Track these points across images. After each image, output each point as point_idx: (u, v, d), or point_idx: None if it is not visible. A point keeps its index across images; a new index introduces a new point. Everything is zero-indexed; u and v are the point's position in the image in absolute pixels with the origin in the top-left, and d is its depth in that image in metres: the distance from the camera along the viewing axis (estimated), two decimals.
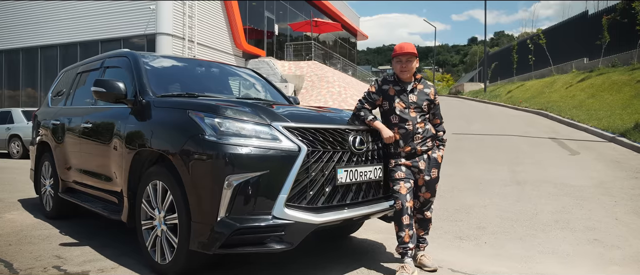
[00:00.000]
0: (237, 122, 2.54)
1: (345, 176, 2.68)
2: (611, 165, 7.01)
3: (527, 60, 20.31)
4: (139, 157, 3.04)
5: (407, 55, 3.00)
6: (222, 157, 2.41)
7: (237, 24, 17.91)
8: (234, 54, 18.34)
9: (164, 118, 2.94)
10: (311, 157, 2.55)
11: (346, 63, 27.94)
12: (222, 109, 2.59)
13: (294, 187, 2.49)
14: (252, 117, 2.58)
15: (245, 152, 2.42)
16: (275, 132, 2.54)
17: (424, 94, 3.06)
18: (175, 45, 15.05)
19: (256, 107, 2.77)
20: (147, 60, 3.75)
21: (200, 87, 3.96)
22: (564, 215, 4.60)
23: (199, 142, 2.50)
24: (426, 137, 3.02)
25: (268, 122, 2.58)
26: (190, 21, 15.65)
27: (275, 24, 21.93)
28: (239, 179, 2.39)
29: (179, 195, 2.60)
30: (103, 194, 3.65)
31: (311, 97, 17.08)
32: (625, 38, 14.40)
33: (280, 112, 2.76)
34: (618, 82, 12.23)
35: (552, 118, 12.33)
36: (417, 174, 3.02)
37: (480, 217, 4.59)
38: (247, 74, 4.71)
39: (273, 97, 4.41)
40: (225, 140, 2.45)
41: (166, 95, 3.30)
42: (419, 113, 3.01)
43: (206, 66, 4.41)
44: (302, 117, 2.80)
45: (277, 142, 2.51)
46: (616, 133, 9.00)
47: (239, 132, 2.50)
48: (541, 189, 5.70)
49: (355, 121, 3.02)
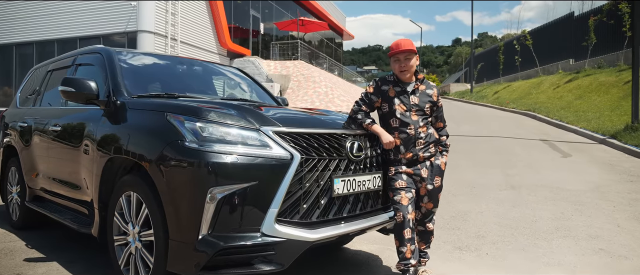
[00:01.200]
0: (222, 127, 2.25)
1: (343, 186, 2.42)
2: (605, 168, 6.90)
3: (514, 61, 20.37)
4: (112, 164, 2.73)
5: (405, 53, 2.75)
6: (204, 167, 2.12)
7: (221, 22, 17.50)
8: (218, 53, 17.93)
9: (139, 121, 2.64)
10: (305, 166, 2.29)
11: (332, 63, 27.72)
12: (204, 112, 2.30)
13: (286, 200, 2.22)
14: (238, 121, 2.30)
15: (230, 160, 2.14)
16: (264, 137, 2.27)
17: (426, 95, 2.82)
18: (158, 43, 14.59)
19: (243, 109, 2.49)
20: (122, 58, 3.44)
21: (181, 86, 3.66)
22: (564, 222, 4.43)
23: (178, 149, 2.21)
24: (429, 143, 2.77)
25: (256, 126, 2.30)
26: (173, 19, 15.20)
27: (261, 23, 21.56)
28: (223, 192, 2.11)
29: (155, 209, 2.30)
30: (73, 204, 3.32)
31: (297, 97, 16.79)
32: (611, 39, 14.47)
33: (270, 115, 2.48)
34: (605, 84, 12.25)
35: (541, 119, 12.29)
36: (419, 182, 2.77)
37: (478, 225, 4.38)
38: (232, 72, 4.42)
39: (260, 97, 4.13)
40: (207, 147, 2.16)
41: (143, 96, 2.99)
42: (421, 116, 2.77)
43: (188, 64, 4.10)
44: (294, 121, 2.53)
45: (267, 149, 2.23)
46: (606, 135, 8.94)
47: (224, 137, 2.22)
48: (537, 194, 5.53)
49: (351, 125, 2.76)
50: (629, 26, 13.07)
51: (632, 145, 7.88)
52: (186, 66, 4.04)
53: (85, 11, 15.31)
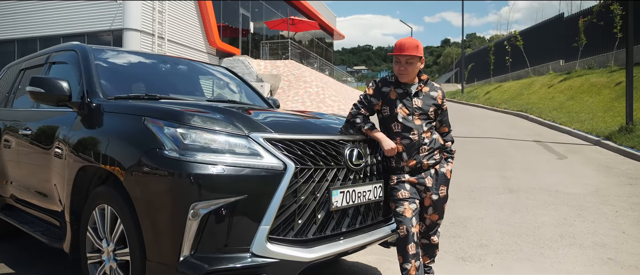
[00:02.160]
0: (206, 133, 2.00)
1: (341, 199, 2.18)
2: (602, 170, 6.77)
3: (504, 61, 20.34)
4: (84, 174, 2.46)
5: (406, 58, 2.51)
6: (185, 179, 1.87)
7: (210, 21, 17.15)
8: (207, 52, 17.58)
9: (115, 126, 2.38)
10: (300, 177, 2.05)
11: (323, 62, 27.49)
12: (186, 116, 2.05)
13: (279, 216, 1.98)
14: (224, 127, 2.05)
15: (215, 171, 1.89)
16: (254, 145, 2.02)
17: (431, 97, 2.59)
18: (144, 41, 14.21)
19: (230, 113, 2.24)
20: (100, 55, 3.17)
21: (164, 87, 3.40)
22: (568, 228, 4.25)
23: (156, 158, 1.95)
24: (433, 149, 2.55)
25: (245, 132, 2.05)
26: (161, 17, 14.83)
27: (251, 22, 21.23)
28: (207, 207, 1.86)
29: (131, 226, 2.04)
30: (44, 214, 3.03)
31: (288, 97, 16.52)
32: (601, 40, 14.45)
33: (260, 119, 2.24)
34: (597, 85, 12.19)
35: (533, 120, 12.19)
36: (423, 192, 2.55)
37: (479, 232, 4.18)
38: (220, 72, 4.16)
39: (250, 99, 3.88)
40: (190, 156, 1.91)
41: (121, 98, 2.73)
42: (425, 120, 2.55)
43: (172, 63, 3.84)
44: (287, 126, 2.29)
45: (257, 159, 1.99)
46: (601, 136, 8.84)
47: (208, 145, 1.97)
48: (536, 198, 5.36)
49: (349, 130, 2.53)
50: (620, 28, 13.05)
51: (628, 146, 7.77)
52: (170, 65, 3.77)
53: (69, 8, 14.86)
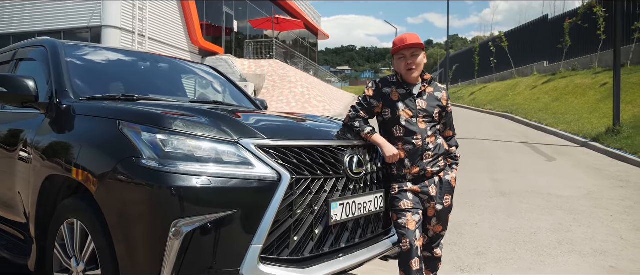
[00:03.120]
0: (190, 140, 1.77)
1: (341, 211, 1.97)
2: (591, 172, 6.73)
3: (489, 62, 20.44)
4: (52, 183, 2.20)
5: (411, 49, 2.33)
6: (166, 192, 1.63)
7: (193, 19, 16.76)
8: (189, 51, 17.18)
9: (86, 131, 2.12)
10: (296, 188, 1.83)
11: (308, 62, 27.27)
12: (167, 120, 1.81)
13: (273, 232, 1.76)
14: (211, 132, 1.82)
15: (201, 184, 1.66)
16: (244, 153, 1.80)
17: (435, 98, 2.40)
18: (124, 39, 13.77)
19: (217, 116, 2.01)
20: (72, 52, 2.89)
21: (144, 87, 3.14)
22: (565, 234, 4.13)
23: (133, 168, 1.71)
24: (438, 155, 2.36)
25: (234, 139, 1.82)
26: (141, 14, 14.39)
27: (235, 21, 20.87)
28: (191, 224, 1.63)
29: (103, 244, 1.80)
30: (7, 226, 2.74)
31: (273, 97, 16.25)
32: (586, 42, 14.59)
33: (251, 123, 2.01)
34: (582, 86, 12.27)
35: (519, 121, 12.20)
36: (427, 202, 2.36)
37: (475, 239, 4.03)
38: (204, 71, 3.91)
39: (236, 99, 3.64)
40: (171, 166, 1.68)
41: (94, 99, 2.46)
42: (430, 123, 2.35)
43: (152, 61, 3.57)
44: (280, 131, 2.07)
45: (248, 168, 1.76)
46: (588, 138, 8.84)
47: (192, 153, 1.74)
48: (530, 201, 5.26)
49: (347, 134, 2.32)
50: (604, 30, 13.18)
51: (615, 148, 7.77)
52: (150, 63, 3.51)
53: (44, 4, 14.31)
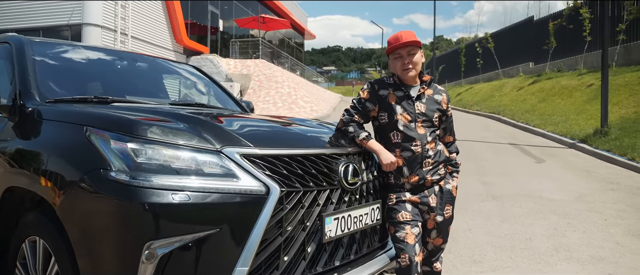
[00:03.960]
0: (166, 149, 1.57)
1: (336, 227, 1.79)
2: (581, 175, 6.68)
3: (475, 63, 20.50)
4: (12, 196, 1.97)
5: (408, 47, 2.16)
6: (138, 210, 1.43)
7: (177, 18, 16.41)
8: (174, 50, 16.82)
9: (51, 137, 1.90)
10: (286, 202, 1.64)
11: (294, 62, 27.06)
12: (140, 126, 1.61)
13: (260, 252, 1.57)
14: (190, 140, 1.62)
15: (178, 200, 1.47)
16: (228, 163, 1.61)
17: (434, 101, 2.24)
18: (106, 38, 13.38)
19: (198, 122, 1.81)
20: (40, 49, 2.66)
21: (120, 87, 2.92)
22: (561, 239, 4.03)
23: (100, 182, 1.50)
24: (438, 162, 2.20)
25: (217, 147, 1.63)
26: (124, 12, 14.01)
27: (220, 20, 20.54)
28: (167, 246, 1.44)
29: (67, 265, 1.59)
30: None
31: (259, 97, 16.00)
32: (571, 43, 14.68)
33: (235, 129, 1.82)
34: (568, 87, 12.32)
35: (507, 122, 12.19)
36: (426, 213, 2.19)
37: (470, 246, 3.89)
38: (186, 71, 3.69)
39: (220, 101, 3.44)
40: (144, 179, 1.47)
41: (62, 101, 2.24)
42: (429, 128, 2.19)
43: (131, 60, 3.35)
44: (268, 137, 1.88)
45: (232, 181, 1.57)
46: (576, 139, 8.83)
47: (169, 165, 1.54)
48: (522, 205, 5.16)
49: (341, 140, 2.14)
50: (589, 31, 13.27)
51: (604, 150, 7.75)
52: (128, 62, 3.28)
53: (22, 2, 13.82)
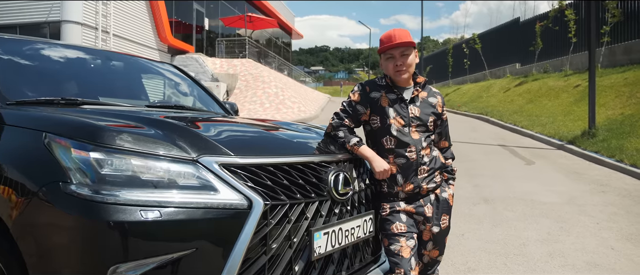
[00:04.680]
0: (135, 158, 1.39)
1: (325, 242, 1.64)
2: (571, 176, 6.64)
3: (462, 64, 20.54)
4: None
5: (401, 47, 2.02)
6: (103, 229, 1.26)
7: (161, 15, 16.08)
8: (158, 49, 16.48)
9: (7, 144, 1.70)
10: (271, 217, 1.48)
11: (282, 62, 26.85)
12: (105, 133, 1.42)
13: (242, 273, 1.40)
14: (163, 148, 1.45)
15: (148, 217, 1.29)
16: (206, 174, 1.43)
17: (429, 104, 2.10)
18: (86, 36, 13.02)
19: (172, 127, 1.64)
20: (6, 47, 2.46)
21: (92, 88, 2.73)
22: (555, 245, 3.94)
23: (59, 196, 1.32)
24: (434, 169, 2.06)
25: (193, 156, 1.46)
26: (105, 9, 13.66)
27: (206, 18, 20.24)
28: (135, 269, 1.26)
29: None
30: None
31: (245, 98, 15.78)
32: (557, 45, 14.78)
33: (215, 135, 1.65)
34: (555, 88, 12.36)
35: (495, 123, 12.18)
36: (422, 224, 2.05)
37: (463, 253, 3.77)
38: (167, 71, 3.50)
39: (203, 103, 3.25)
40: (108, 194, 1.30)
41: (24, 103, 2.04)
42: (424, 133, 2.05)
43: (106, 58, 3.14)
44: (251, 144, 1.71)
45: (210, 194, 1.40)
46: (564, 140, 8.82)
47: (138, 177, 1.36)
48: (514, 209, 5.07)
49: (330, 146, 1.98)
50: (574, 32, 13.35)
51: (592, 151, 7.74)
52: (103, 61, 3.08)
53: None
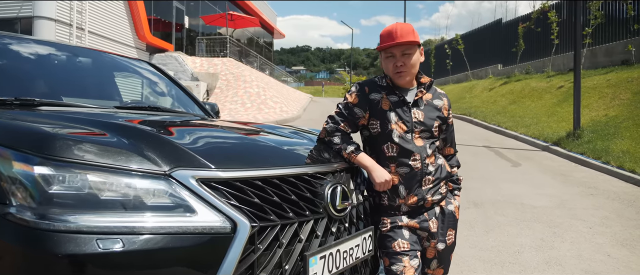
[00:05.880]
0: (92, 174, 1.13)
1: (322, 268, 1.41)
2: (559, 179, 6.57)
3: (445, 64, 20.58)
4: None
5: (401, 48, 1.80)
6: (49, 264, 1.00)
7: (140, 13, 15.59)
8: (136, 47, 15.97)
9: None
10: (259, 241, 1.25)
11: (263, 61, 26.49)
12: (56, 142, 1.17)
13: None
14: (127, 160, 1.19)
15: (108, 247, 1.04)
16: (180, 191, 1.19)
17: (435, 108, 1.89)
18: (60, 32, 12.48)
19: (140, 134, 1.38)
20: None
21: (56, 87, 2.44)
22: (550, 252, 3.80)
23: None
24: (439, 180, 1.85)
25: (164, 170, 1.21)
26: (80, 5, 13.13)
27: (186, 16, 19.77)
28: None
29: None
30: None
31: (226, 97, 15.41)
32: (539, 46, 14.88)
33: (192, 144, 1.40)
34: (538, 89, 12.41)
35: (479, 124, 12.15)
36: (426, 240, 1.84)
37: (457, 261, 3.59)
38: (142, 68, 3.22)
39: (180, 103, 2.99)
40: (58, 219, 1.04)
41: None
42: (428, 139, 1.84)
43: (74, 54, 2.85)
44: (235, 154, 1.47)
45: (185, 216, 1.16)
46: (549, 142, 8.80)
47: (95, 196, 1.11)
48: (505, 213, 4.94)
49: (324, 154, 1.76)
50: (557, 34, 13.46)
51: (578, 153, 7.72)
52: (70, 57, 2.79)
53: None
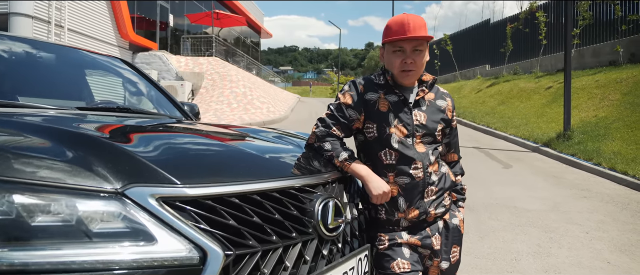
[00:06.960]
0: (21, 194, 0.89)
1: None
2: (551, 181, 6.46)
3: (433, 65, 20.51)
4: None
5: (414, 42, 1.56)
6: None
7: (122, 10, 15.16)
8: (118, 45, 15.53)
9: None
10: (235, 272, 1.02)
11: (250, 61, 26.16)
12: None
13: None
14: (69, 175, 0.95)
15: None
16: (136, 214, 0.95)
17: (438, 109, 1.68)
18: (38, 30, 12.03)
19: (89, 143, 1.14)
20: None
21: (11, 85, 2.18)
22: (548, 259, 3.65)
23: None
24: (443, 190, 1.64)
25: (116, 187, 0.97)
26: (59, 2, 12.69)
27: (170, 15, 19.35)
28: None
29: None
30: None
31: (212, 97, 15.09)
32: (527, 47, 14.88)
33: (154, 154, 1.17)
34: (526, 90, 12.37)
35: (468, 125, 12.06)
36: (429, 259, 1.63)
37: None
38: (113, 65, 2.95)
39: (155, 103, 2.73)
40: None
41: None
42: (431, 145, 1.63)
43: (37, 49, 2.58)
44: (206, 165, 1.24)
45: (142, 245, 0.93)
46: (539, 143, 8.72)
47: (25, 223, 0.87)
48: (499, 217, 4.78)
49: (312, 162, 1.53)
50: (545, 35, 13.45)
51: (569, 154, 7.64)
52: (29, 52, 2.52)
53: None
